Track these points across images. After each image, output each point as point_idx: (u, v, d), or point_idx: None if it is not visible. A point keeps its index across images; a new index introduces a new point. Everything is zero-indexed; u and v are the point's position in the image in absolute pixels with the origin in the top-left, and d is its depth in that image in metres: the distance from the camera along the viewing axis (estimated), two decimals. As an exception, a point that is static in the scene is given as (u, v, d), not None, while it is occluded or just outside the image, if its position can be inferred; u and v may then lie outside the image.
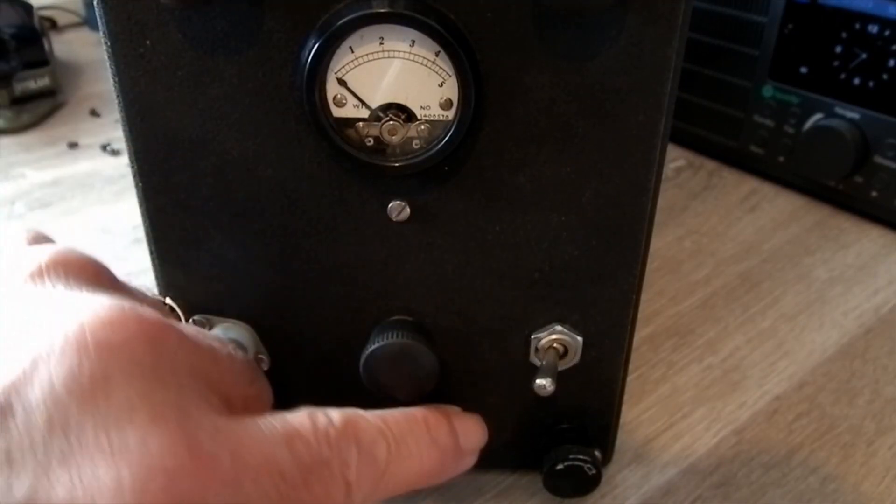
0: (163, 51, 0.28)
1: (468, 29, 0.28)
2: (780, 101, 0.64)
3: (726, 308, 0.53)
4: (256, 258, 0.33)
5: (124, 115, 0.30)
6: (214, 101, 0.29)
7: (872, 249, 0.60)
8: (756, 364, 0.48)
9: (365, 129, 0.30)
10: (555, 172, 0.31)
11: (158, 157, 0.31)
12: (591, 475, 0.37)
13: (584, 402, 0.38)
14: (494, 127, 0.30)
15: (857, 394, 0.46)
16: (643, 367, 0.48)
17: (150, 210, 0.32)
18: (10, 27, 0.76)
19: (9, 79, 0.76)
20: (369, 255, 0.33)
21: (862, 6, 0.57)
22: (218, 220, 0.32)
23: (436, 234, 0.33)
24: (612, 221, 0.32)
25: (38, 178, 0.69)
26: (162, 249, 0.33)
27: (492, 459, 0.40)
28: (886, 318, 0.52)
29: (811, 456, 0.42)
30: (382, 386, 0.34)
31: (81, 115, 0.80)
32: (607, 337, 0.35)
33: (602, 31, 0.28)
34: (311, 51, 0.28)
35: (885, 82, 0.57)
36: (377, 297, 0.34)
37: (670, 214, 0.64)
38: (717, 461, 0.42)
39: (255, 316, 0.35)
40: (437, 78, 0.29)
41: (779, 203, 0.66)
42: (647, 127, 0.30)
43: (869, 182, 0.60)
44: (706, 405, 0.45)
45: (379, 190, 0.31)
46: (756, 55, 0.64)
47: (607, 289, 0.34)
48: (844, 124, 0.59)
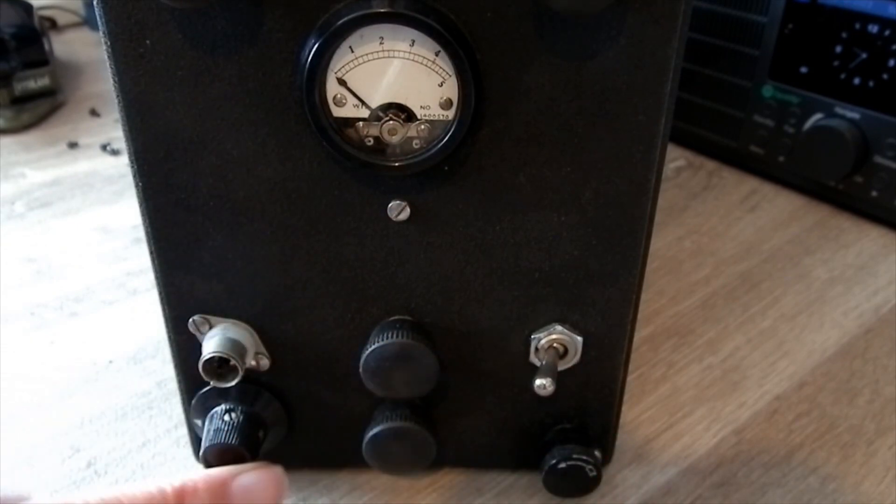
0: (163, 51, 0.28)
1: (468, 29, 0.28)
2: (780, 101, 0.64)
3: (726, 308, 0.53)
4: (256, 258, 0.33)
5: (124, 114, 0.30)
6: (214, 101, 0.29)
7: (872, 249, 0.60)
8: (756, 364, 0.48)
9: (365, 129, 0.30)
10: (555, 172, 0.31)
11: (158, 157, 0.31)
12: (592, 475, 0.37)
13: (584, 402, 0.38)
14: (494, 127, 0.30)
15: (857, 394, 0.46)
16: (643, 367, 0.48)
17: (150, 210, 0.32)
18: (11, 27, 0.76)
19: (9, 78, 0.75)
20: (369, 254, 0.33)
21: (862, 6, 0.57)
22: (218, 219, 0.32)
23: (436, 234, 0.33)
24: (612, 221, 0.32)
25: (37, 177, 0.69)
26: (162, 249, 0.33)
27: (492, 459, 0.40)
28: (886, 318, 0.52)
29: (811, 456, 0.42)
30: (382, 386, 0.34)
31: (81, 115, 0.80)
32: (607, 337, 0.35)
33: (602, 30, 0.28)
34: (311, 50, 0.28)
35: (885, 82, 0.57)
36: (377, 296, 0.34)
37: (670, 214, 0.64)
38: (717, 461, 0.42)
39: (255, 316, 0.35)
40: (437, 78, 0.29)
41: (779, 203, 0.66)
42: (647, 127, 0.30)
43: (869, 182, 0.60)
44: (706, 405, 0.45)
45: (379, 190, 0.31)
46: (756, 55, 0.64)
47: (607, 289, 0.34)
48: (844, 124, 0.59)
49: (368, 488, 0.40)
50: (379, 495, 0.40)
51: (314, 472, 0.41)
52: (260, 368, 0.36)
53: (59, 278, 0.55)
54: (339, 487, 0.40)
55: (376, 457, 0.37)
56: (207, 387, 0.36)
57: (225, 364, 0.34)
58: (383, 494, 0.40)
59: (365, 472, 0.40)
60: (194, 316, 0.35)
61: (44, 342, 0.50)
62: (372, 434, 0.36)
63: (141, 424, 0.43)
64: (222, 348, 0.34)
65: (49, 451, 0.42)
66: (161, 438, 0.43)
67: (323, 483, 0.40)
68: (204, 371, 0.34)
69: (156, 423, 0.44)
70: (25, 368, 0.47)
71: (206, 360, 0.34)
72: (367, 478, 0.40)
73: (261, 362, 0.36)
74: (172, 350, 0.36)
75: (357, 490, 0.40)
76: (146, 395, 0.45)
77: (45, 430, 0.43)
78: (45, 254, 0.58)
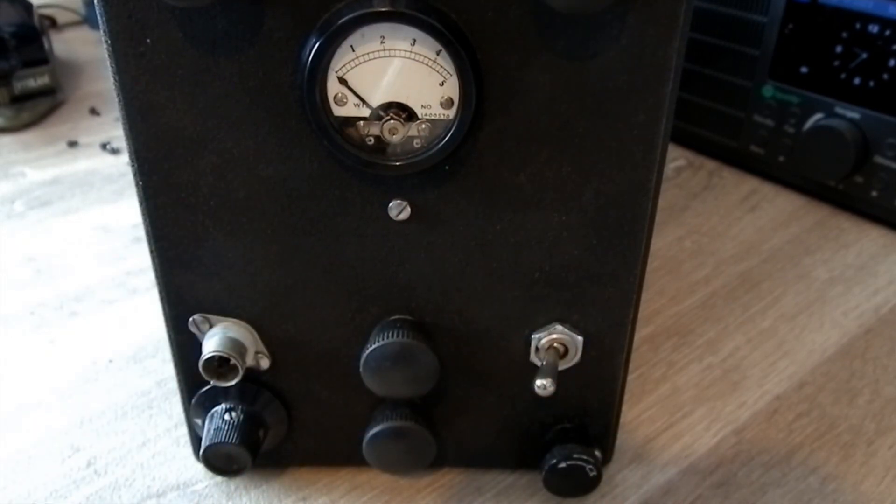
0: (163, 49, 0.28)
1: (469, 28, 0.28)
2: (780, 101, 0.64)
3: (726, 308, 0.53)
4: (256, 257, 0.33)
5: (124, 113, 0.30)
6: (215, 100, 0.29)
7: (872, 249, 0.60)
8: (756, 364, 0.48)
9: (366, 128, 0.30)
10: (555, 172, 0.31)
11: (159, 156, 0.31)
12: (592, 475, 0.37)
13: (585, 402, 0.38)
14: (495, 126, 0.30)
15: (857, 394, 0.46)
16: (643, 366, 0.48)
17: (151, 209, 0.32)
18: (10, 25, 0.76)
19: (8, 77, 0.75)
20: (370, 254, 0.33)
21: (862, 6, 0.57)
22: (218, 218, 0.32)
23: (436, 234, 0.33)
24: (613, 221, 0.32)
25: (37, 176, 0.68)
26: (162, 248, 0.33)
27: (492, 459, 0.40)
28: (886, 318, 0.52)
29: (811, 456, 0.42)
30: (382, 385, 0.34)
31: (81, 114, 0.80)
32: (607, 337, 0.35)
33: (603, 30, 0.28)
34: (312, 49, 0.28)
35: (885, 82, 0.57)
36: (377, 296, 0.34)
37: (670, 214, 0.64)
38: (717, 461, 0.42)
39: (255, 315, 0.35)
40: (438, 77, 0.29)
41: (779, 203, 0.66)
42: (647, 126, 0.30)
43: (869, 182, 0.60)
44: (706, 405, 0.45)
45: (379, 189, 0.31)
46: (756, 55, 0.64)
47: (608, 288, 0.34)
48: (845, 124, 0.59)
49: (368, 488, 0.40)
50: (379, 495, 0.40)
51: (314, 471, 0.41)
52: (260, 368, 0.36)
53: (58, 277, 0.55)
54: (339, 487, 0.40)
55: (376, 456, 0.37)
56: (207, 386, 0.36)
57: (225, 363, 0.34)
58: (383, 494, 0.40)
59: (365, 472, 0.40)
60: (194, 315, 0.35)
61: (44, 342, 0.50)
62: (372, 433, 0.36)
63: (141, 424, 0.43)
64: (222, 347, 0.34)
65: (49, 451, 0.42)
66: (161, 438, 0.43)
67: (323, 483, 0.40)
68: (204, 370, 0.34)
69: (156, 422, 0.44)
70: (25, 368, 0.47)
71: (206, 360, 0.34)
72: (366, 477, 0.40)
73: (261, 362, 0.36)
74: (172, 349, 0.36)
75: (357, 490, 0.40)
76: (146, 395, 0.45)
77: (44, 430, 0.43)
78: (44, 253, 0.58)
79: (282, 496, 0.39)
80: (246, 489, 0.40)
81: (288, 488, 0.40)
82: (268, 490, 0.40)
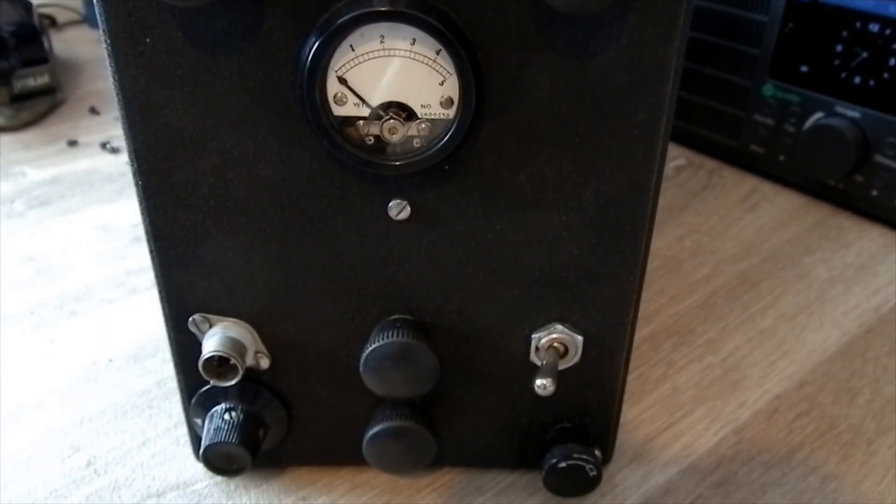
0: (163, 49, 0.28)
1: (469, 27, 0.28)
2: (780, 100, 0.64)
3: (726, 307, 0.53)
4: (256, 257, 0.33)
5: (124, 112, 0.30)
6: (214, 100, 0.29)
7: (872, 249, 0.60)
8: (756, 363, 0.48)
9: (365, 128, 0.30)
10: (555, 171, 0.31)
11: (158, 156, 0.31)
12: (592, 475, 0.37)
13: (585, 402, 0.38)
14: (495, 126, 0.30)
15: (857, 393, 0.46)
16: (643, 366, 0.48)
17: (150, 208, 0.32)
18: (10, 25, 0.76)
19: (8, 76, 0.75)
20: (369, 253, 0.33)
21: (862, 5, 0.57)
22: (218, 218, 0.32)
23: (436, 234, 0.32)
24: (613, 221, 0.32)
25: (37, 176, 0.68)
26: (162, 248, 0.33)
27: (492, 459, 0.40)
28: (886, 317, 0.52)
29: (811, 455, 0.42)
30: (382, 385, 0.34)
31: (81, 113, 0.80)
32: (607, 336, 0.35)
33: (603, 30, 0.28)
34: (312, 49, 0.28)
35: (885, 81, 0.57)
36: (377, 296, 0.34)
37: (671, 213, 0.64)
38: (717, 460, 0.42)
39: (255, 315, 0.35)
40: (438, 76, 0.29)
41: (779, 202, 0.66)
42: (647, 126, 0.30)
43: (869, 181, 0.60)
44: (706, 404, 0.45)
45: (379, 189, 0.31)
46: (756, 54, 0.64)
47: (607, 288, 0.34)
48: (845, 123, 0.59)
49: (368, 488, 0.40)
50: (379, 495, 0.40)
51: (314, 471, 0.41)
52: (260, 367, 0.36)
53: (58, 277, 0.55)
54: (339, 487, 0.40)
55: (376, 456, 0.37)
56: (207, 386, 0.36)
57: (225, 363, 0.34)
58: (383, 494, 0.40)
59: (365, 472, 0.40)
60: (194, 315, 0.35)
61: (44, 341, 0.50)
62: (372, 433, 0.36)
63: (141, 423, 0.43)
64: (222, 347, 0.34)
65: (49, 450, 0.42)
66: (161, 437, 0.43)
67: (323, 482, 0.40)
68: (204, 370, 0.34)
69: (156, 421, 0.44)
70: (25, 368, 0.47)
71: (206, 359, 0.34)
72: (366, 477, 0.40)
73: (261, 361, 0.36)
74: (172, 349, 0.36)
75: (357, 489, 0.40)
76: (146, 394, 0.45)
77: (44, 430, 0.43)
78: (44, 252, 0.58)
79: (282, 496, 0.39)
80: (246, 489, 0.40)
81: (288, 488, 0.40)
82: (268, 490, 0.40)
